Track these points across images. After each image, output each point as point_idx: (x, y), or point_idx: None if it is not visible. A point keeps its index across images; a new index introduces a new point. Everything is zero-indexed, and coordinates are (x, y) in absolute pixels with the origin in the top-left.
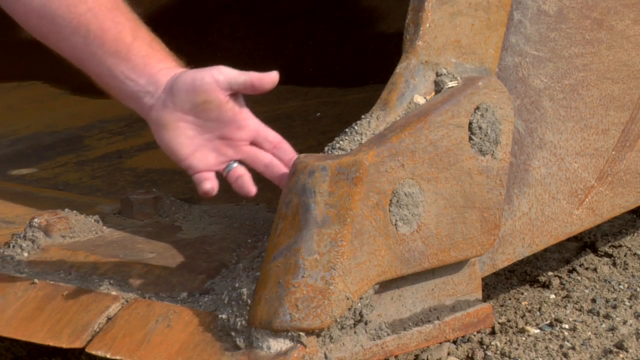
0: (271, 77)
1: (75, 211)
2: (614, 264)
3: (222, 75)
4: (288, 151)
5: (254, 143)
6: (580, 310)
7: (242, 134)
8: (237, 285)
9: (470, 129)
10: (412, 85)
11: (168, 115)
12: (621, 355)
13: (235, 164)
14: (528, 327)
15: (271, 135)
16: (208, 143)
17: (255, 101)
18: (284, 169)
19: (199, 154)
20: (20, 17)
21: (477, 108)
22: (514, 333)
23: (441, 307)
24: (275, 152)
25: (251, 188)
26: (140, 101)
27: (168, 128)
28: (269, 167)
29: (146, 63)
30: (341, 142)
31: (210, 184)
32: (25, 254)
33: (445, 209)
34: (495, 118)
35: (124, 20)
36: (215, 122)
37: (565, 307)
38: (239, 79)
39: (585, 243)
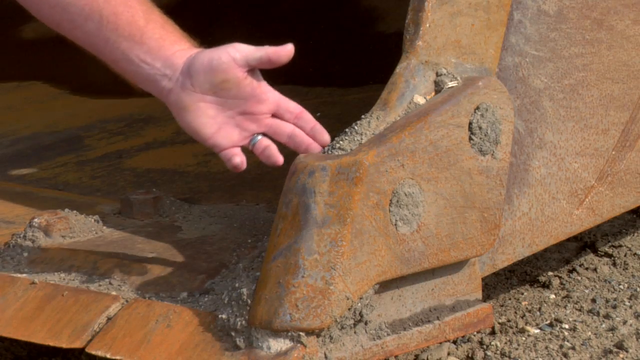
0: (287, 50)
1: (75, 211)
2: (614, 264)
3: (238, 52)
4: (309, 121)
5: (275, 115)
6: (580, 310)
7: (262, 107)
8: (237, 285)
9: (470, 129)
10: (412, 85)
11: (187, 97)
12: (621, 355)
13: (260, 137)
14: (528, 327)
15: (292, 106)
16: (230, 120)
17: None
18: (307, 139)
19: (223, 131)
20: (32, 7)
21: (477, 108)
22: (514, 333)
23: (441, 307)
24: (297, 122)
25: (278, 157)
26: (157, 84)
27: (189, 110)
28: (291, 137)
29: (160, 45)
30: (341, 142)
31: (239, 158)
32: (25, 254)
33: (445, 209)
34: (495, 118)
35: (136, 4)
36: (235, 99)
37: (565, 307)
38: (256, 54)
39: (585, 243)
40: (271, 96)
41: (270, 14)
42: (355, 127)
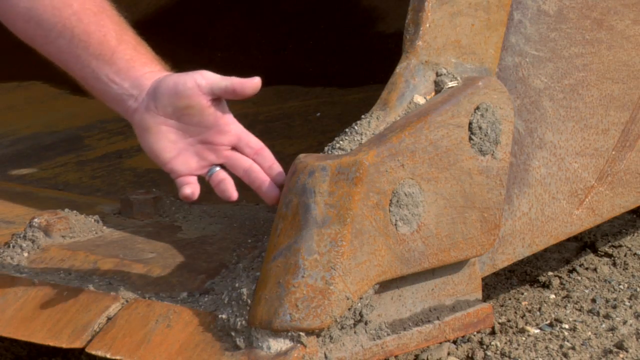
0: (253, 83)
1: (75, 211)
2: (614, 264)
3: (204, 80)
4: (268, 158)
5: (235, 148)
6: (580, 310)
7: (224, 138)
8: (237, 285)
9: (470, 129)
10: (412, 85)
11: (151, 118)
12: (621, 355)
13: (217, 168)
14: (528, 327)
15: (253, 141)
16: (190, 147)
17: (255, 101)
18: (263, 176)
19: (181, 158)
20: (7, 20)
21: (477, 108)
22: (514, 333)
23: (441, 307)
24: (256, 158)
25: (233, 193)
26: (124, 104)
27: (151, 132)
28: (247, 172)
29: (130, 66)
30: (341, 142)
31: (190, 189)
32: (25, 254)
33: (445, 209)
34: (495, 118)
35: (109, 24)
36: (197, 127)
37: (565, 307)
38: (221, 84)
39: (585, 243)
40: (234, 128)
41: (270, 14)
42: (355, 127)
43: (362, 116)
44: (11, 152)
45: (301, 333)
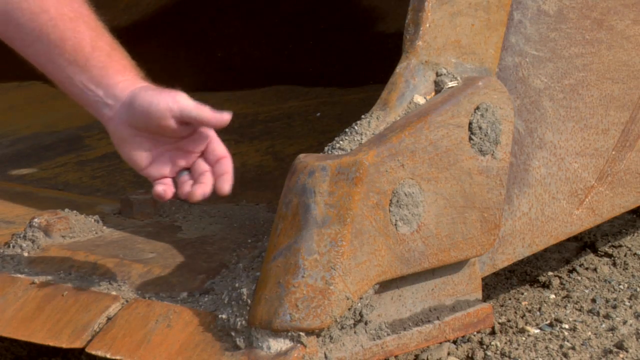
0: (223, 119)
1: (75, 211)
2: (614, 264)
3: (176, 105)
4: (225, 169)
5: (203, 153)
6: (580, 310)
7: (195, 146)
8: (237, 285)
9: (470, 129)
10: (412, 85)
11: (125, 130)
12: (621, 355)
13: (185, 172)
14: (528, 327)
15: (219, 150)
16: (165, 153)
17: (255, 101)
18: (206, 185)
19: (156, 164)
20: None
21: (477, 108)
22: (514, 333)
23: (441, 307)
24: (215, 165)
25: (195, 194)
26: (100, 111)
27: (126, 141)
28: (200, 176)
29: (103, 74)
30: (341, 142)
31: (162, 187)
32: (25, 254)
33: (445, 209)
34: (495, 118)
35: (85, 30)
36: (171, 137)
37: (565, 307)
38: (192, 112)
39: (585, 243)
40: (206, 136)
41: (270, 14)
42: (355, 127)
43: (362, 116)
44: (11, 152)
45: (301, 333)
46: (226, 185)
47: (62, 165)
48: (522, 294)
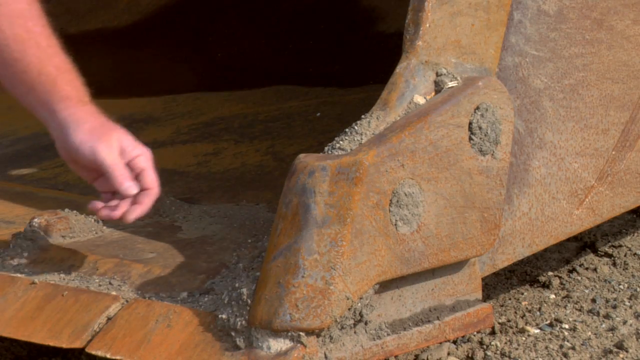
0: (127, 190)
1: (75, 211)
2: (614, 264)
3: (94, 157)
4: (142, 198)
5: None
6: (580, 310)
7: (108, 187)
8: (237, 285)
9: (470, 129)
10: (412, 85)
11: (64, 155)
12: (621, 355)
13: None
14: (528, 327)
15: (148, 180)
16: (103, 175)
17: (255, 101)
18: (118, 211)
19: (100, 181)
20: None
21: (477, 108)
22: (514, 333)
23: (441, 307)
24: (139, 194)
25: (127, 217)
26: (49, 129)
27: (69, 163)
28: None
29: (48, 99)
30: (341, 142)
31: (105, 212)
32: (25, 254)
33: (445, 209)
34: (495, 118)
35: (35, 52)
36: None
37: (565, 307)
38: (107, 169)
39: (585, 243)
40: (138, 165)
41: (270, 14)
42: (355, 127)
43: (362, 116)
44: (11, 152)
45: (301, 333)
46: (131, 216)
47: (62, 165)
48: (522, 294)
